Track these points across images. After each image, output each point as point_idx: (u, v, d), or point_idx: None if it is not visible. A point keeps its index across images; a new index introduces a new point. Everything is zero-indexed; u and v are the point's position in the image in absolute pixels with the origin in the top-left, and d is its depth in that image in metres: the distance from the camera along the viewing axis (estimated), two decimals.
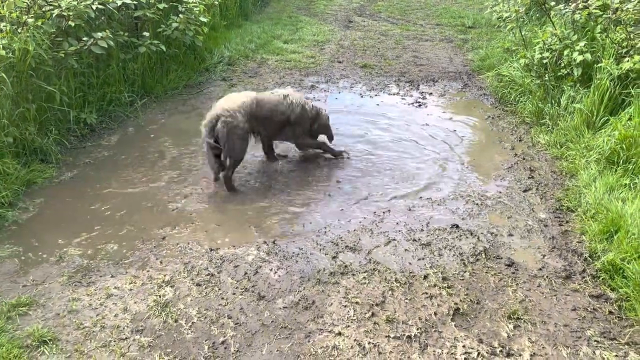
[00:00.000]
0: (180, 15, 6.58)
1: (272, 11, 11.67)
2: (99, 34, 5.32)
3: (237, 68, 7.81)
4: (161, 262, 3.58)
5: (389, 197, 4.46)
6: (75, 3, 5.24)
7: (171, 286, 3.35)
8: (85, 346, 2.89)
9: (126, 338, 2.95)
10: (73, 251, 3.68)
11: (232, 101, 4.50)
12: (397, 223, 4.07)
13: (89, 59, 5.63)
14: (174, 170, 4.82)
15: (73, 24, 5.25)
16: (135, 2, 6.17)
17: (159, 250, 3.71)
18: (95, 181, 4.61)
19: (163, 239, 3.83)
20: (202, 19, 6.88)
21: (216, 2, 8.01)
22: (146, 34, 6.26)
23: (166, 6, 6.49)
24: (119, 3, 5.77)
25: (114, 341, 2.93)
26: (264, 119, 4.65)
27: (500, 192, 4.49)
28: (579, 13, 5.92)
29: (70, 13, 5.22)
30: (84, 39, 5.32)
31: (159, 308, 3.16)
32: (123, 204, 4.26)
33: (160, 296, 3.26)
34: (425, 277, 3.45)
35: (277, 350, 2.87)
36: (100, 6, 5.54)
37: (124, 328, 3.02)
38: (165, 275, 3.44)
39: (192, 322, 3.06)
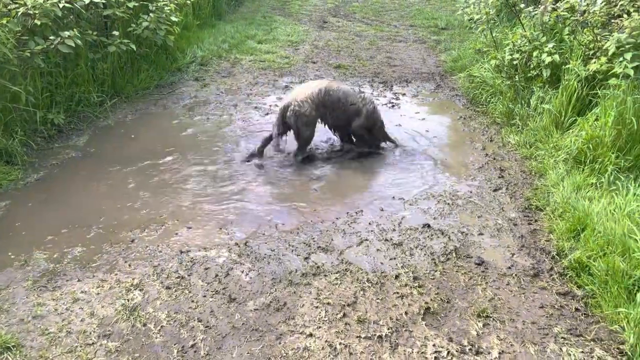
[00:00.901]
0: (151, 15, 6.49)
1: (246, 11, 11.61)
2: (66, 33, 5.20)
3: (210, 68, 7.74)
4: (130, 265, 3.51)
5: (362, 197, 4.46)
6: (41, 1, 5.12)
7: (140, 290, 3.29)
8: (50, 352, 2.82)
9: (93, 343, 2.89)
10: (38, 255, 3.59)
11: (303, 91, 4.93)
12: (369, 223, 4.08)
13: (56, 59, 5.51)
14: (144, 171, 4.75)
15: (39, 23, 5.12)
16: (104, 1, 6.06)
17: (127, 253, 3.64)
18: (62, 183, 4.51)
19: (132, 242, 3.76)
20: (173, 18, 6.80)
21: (188, 2, 7.92)
22: (116, 33, 6.16)
23: (136, 4, 6.39)
24: (87, 1, 5.66)
25: (80, 347, 2.86)
26: (332, 107, 4.98)
27: (471, 192, 4.53)
28: (547, 15, 6.04)
29: (37, 11, 5.10)
30: (51, 37, 5.20)
31: (127, 312, 3.10)
32: (91, 207, 4.18)
33: (128, 300, 3.20)
34: (397, 276, 3.47)
35: (248, 353, 2.85)
36: (67, 4, 5.42)
37: (90, 333, 2.96)
38: (134, 279, 3.38)
39: (161, 326, 3.01)
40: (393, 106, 6.59)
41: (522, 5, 6.61)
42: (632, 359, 2.79)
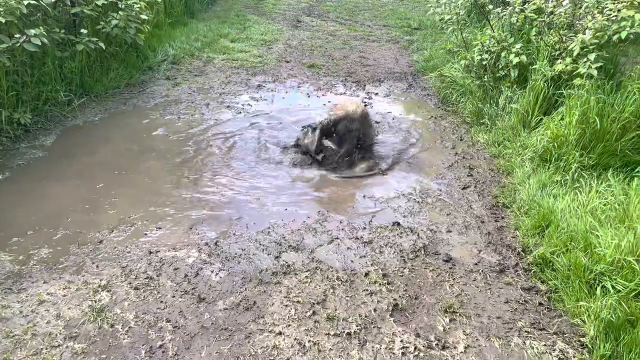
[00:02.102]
0: (120, 13, 6.40)
1: (219, 9, 11.53)
2: (32, 31, 5.10)
3: (181, 67, 7.67)
4: (97, 267, 3.47)
5: (334, 196, 4.49)
6: None
7: (108, 291, 3.26)
8: (15, 355, 2.77)
9: (59, 345, 2.85)
10: (3, 257, 3.52)
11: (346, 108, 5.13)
12: (340, 222, 4.11)
13: (23, 57, 5.40)
14: (113, 171, 4.69)
15: (4, 20, 5.01)
16: None
17: (95, 254, 3.60)
18: (28, 184, 4.42)
19: (100, 243, 3.72)
20: (143, 16, 6.72)
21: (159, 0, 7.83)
22: (84, 31, 6.06)
23: (105, 2, 6.30)
24: None
25: (46, 349, 2.83)
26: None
27: (440, 190, 4.60)
28: (515, 16, 6.16)
29: (1, 9, 4.99)
30: (17, 36, 5.10)
31: (94, 313, 3.07)
32: (58, 207, 4.11)
33: (95, 301, 3.16)
34: (366, 274, 3.50)
35: (217, 352, 2.85)
36: (33, 2, 5.31)
37: (56, 335, 2.92)
38: (101, 280, 3.34)
39: (129, 327, 2.99)
40: (366, 105, 6.62)
41: (490, 7, 6.72)
42: (593, 351, 2.88)
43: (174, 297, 3.24)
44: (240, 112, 6.16)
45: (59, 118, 5.67)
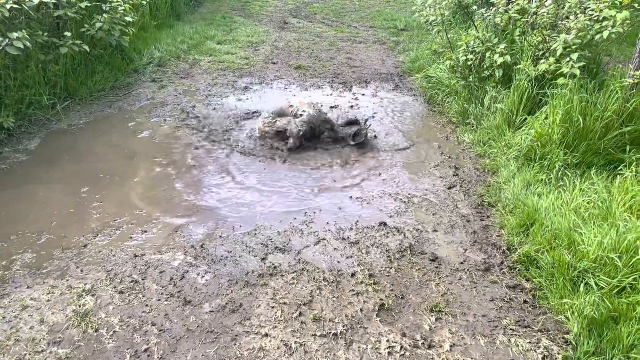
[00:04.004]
0: (105, 15, 6.36)
1: (205, 12, 11.51)
2: (15, 34, 5.06)
3: (168, 69, 7.64)
4: (82, 271, 3.44)
5: (321, 197, 4.49)
6: None
7: (92, 295, 3.23)
8: None
9: (42, 351, 2.82)
10: None
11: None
12: (327, 223, 4.11)
13: (5, 61, 5.34)
14: (98, 174, 4.65)
15: None
16: (54, 1, 5.90)
17: (80, 258, 3.57)
18: (12, 188, 4.38)
19: (85, 247, 3.69)
20: (128, 19, 6.68)
21: (144, 2, 7.79)
22: (68, 34, 6.01)
23: (89, 5, 6.25)
24: (37, 2, 5.50)
25: (29, 355, 2.80)
26: None
27: (427, 190, 4.62)
28: (500, 17, 6.21)
29: None
30: None
31: (79, 318, 3.04)
32: (42, 212, 4.07)
33: (80, 306, 3.13)
34: (353, 274, 3.51)
35: (203, 355, 2.83)
36: (16, 5, 5.27)
37: (40, 341, 2.89)
38: (86, 284, 3.31)
39: (114, 331, 2.97)
40: (352, 107, 6.65)
41: (475, 8, 6.77)
42: (577, 347, 2.90)
43: (159, 300, 3.22)
44: (228, 116, 6.14)
45: (43, 122, 5.62)
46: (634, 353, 2.74)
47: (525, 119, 5.18)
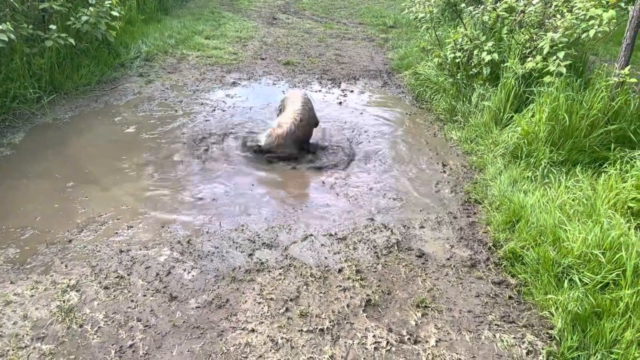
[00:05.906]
0: (91, 9, 6.29)
1: (193, 6, 11.43)
2: None
3: (155, 64, 7.58)
4: (66, 266, 3.40)
5: (308, 192, 4.49)
6: None
7: (77, 290, 3.20)
8: None
9: (26, 346, 2.79)
10: None
11: None
12: (315, 219, 4.10)
13: None
14: (83, 169, 4.61)
15: None
16: None
17: (64, 253, 3.53)
18: None
19: (69, 242, 3.65)
20: (114, 12, 6.61)
21: None
22: (53, 27, 5.94)
23: None
24: None
25: (12, 350, 2.76)
26: None
27: (414, 186, 4.63)
28: (487, 15, 6.24)
29: None
30: None
31: (63, 314, 3.01)
32: (26, 207, 4.02)
33: (64, 301, 3.10)
34: (340, 270, 3.51)
35: (188, 351, 2.82)
36: None
37: (23, 336, 2.85)
38: (70, 280, 3.28)
39: (99, 327, 2.94)
40: (341, 103, 6.65)
41: (463, 5, 6.79)
42: (560, 342, 2.93)
43: (145, 296, 3.20)
44: (214, 109, 6.11)
45: (27, 115, 5.55)
46: (616, 348, 2.78)
47: (512, 116, 5.21)
